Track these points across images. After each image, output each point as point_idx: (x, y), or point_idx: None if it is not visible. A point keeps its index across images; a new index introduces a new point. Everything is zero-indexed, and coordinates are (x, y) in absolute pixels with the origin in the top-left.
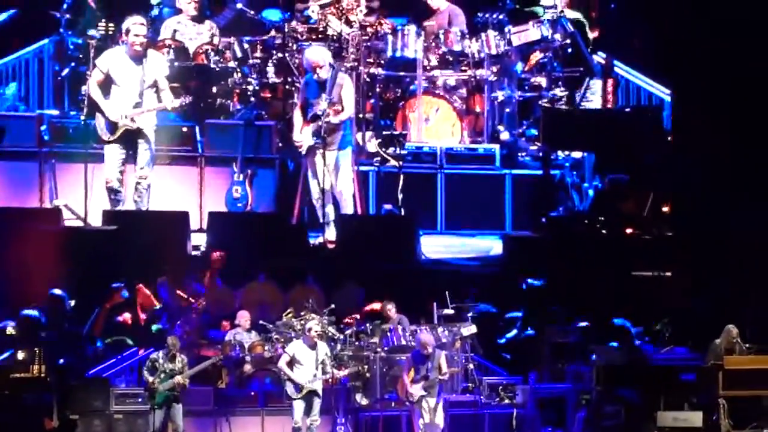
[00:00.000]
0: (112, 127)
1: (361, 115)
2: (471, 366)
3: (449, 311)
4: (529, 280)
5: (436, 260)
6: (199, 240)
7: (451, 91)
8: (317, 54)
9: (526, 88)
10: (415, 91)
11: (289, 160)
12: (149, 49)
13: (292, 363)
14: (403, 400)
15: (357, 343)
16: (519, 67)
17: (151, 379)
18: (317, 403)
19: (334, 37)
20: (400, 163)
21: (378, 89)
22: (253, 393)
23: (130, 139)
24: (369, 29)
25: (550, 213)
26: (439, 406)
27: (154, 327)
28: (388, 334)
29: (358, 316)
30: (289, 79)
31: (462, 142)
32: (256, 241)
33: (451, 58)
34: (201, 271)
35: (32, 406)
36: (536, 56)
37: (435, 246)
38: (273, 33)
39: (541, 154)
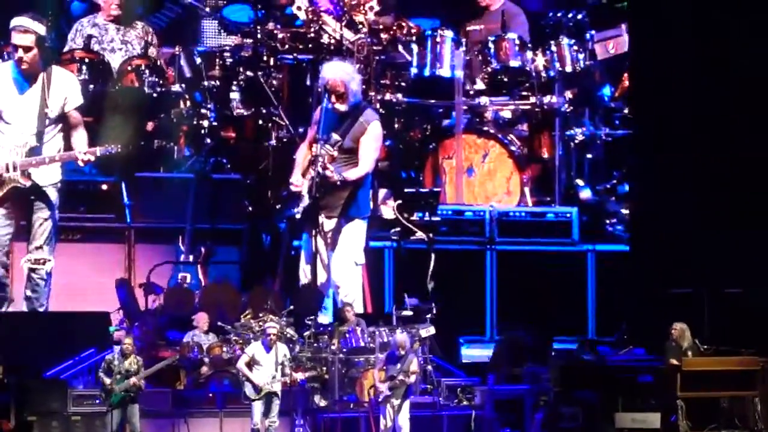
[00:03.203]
0: None
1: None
2: (429, 367)
3: (408, 313)
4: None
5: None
6: None
7: (507, 127)
8: (336, 72)
9: (618, 122)
10: (453, 127)
11: (263, 232)
12: (54, 65)
13: (251, 364)
14: (362, 400)
15: (315, 344)
16: (606, 91)
17: (107, 380)
18: (276, 404)
19: (332, 46)
20: (431, 236)
21: (397, 125)
22: (211, 394)
23: (22, 203)
24: (383, 35)
25: None
26: (404, 407)
27: (112, 328)
28: (347, 335)
29: None
30: (264, 111)
31: (522, 204)
32: None
33: (506, 79)
34: None
35: None
36: None
37: (483, 360)
38: (239, 40)
39: None
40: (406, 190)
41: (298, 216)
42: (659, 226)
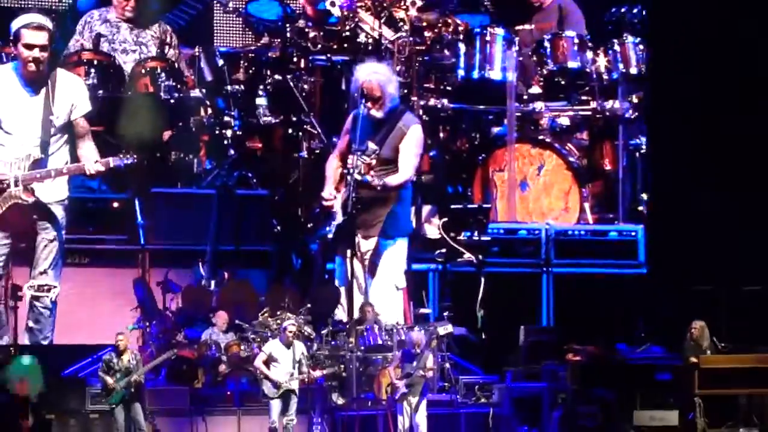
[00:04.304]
0: None
1: (414, 177)
2: (447, 365)
3: (426, 310)
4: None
5: None
6: None
7: (565, 135)
8: (370, 74)
9: None
10: (505, 136)
11: (293, 254)
12: (59, 68)
13: (268, 362)
14: (380, 398)
15: (333, 342)
16: None
17: (110, 380)
18: (294, 402)
19: (369, 46)
20: (480, 257)
21: (442, 133)
22: (229, 393)
23: (24, 223)
24: (427, 33)
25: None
26: (421, 405)
27: (130, 326)
28: (365, 333)
29: None
30: (294, 118)
31: (582, 221)
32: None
33: (563, 82)
34: None
35: (8, 405)
36: None
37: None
38: (266, 39)
39: None
40: (452, 206)
41: (330, 236)
42: (677, 224)
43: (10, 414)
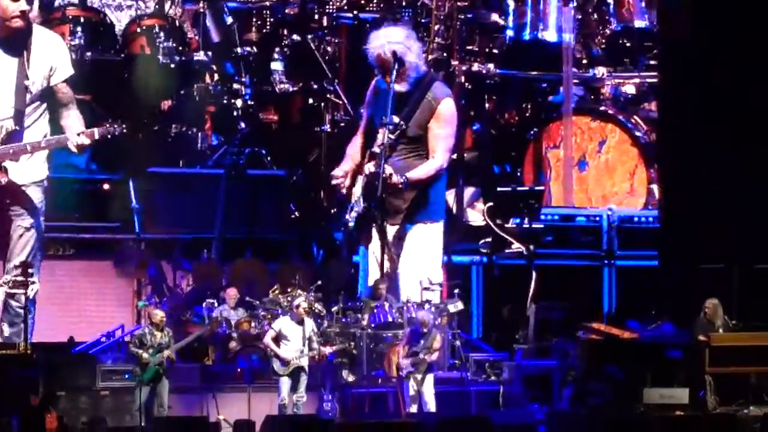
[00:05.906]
0: None
1: (454, 156)
2: (457, 343)
3: (436, 286)
4: None
5: None
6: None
7: (630, 106)
8: (384, 42)
9: None
10: (561, 106)
11: (314, 242)
12: (36, 24)
13: (278, 339)
14: (390, 376)
15: (343, 319)
16: None
17: (145, 355)
18: (304, 379)
19: (403, 2)
20: (532, 248)
21: (488, 104)
22: (239, 370)
23: None
24: None
25: None
26: (428, 380)
27: (141, 303)
28: (375, 310)
29: None
30: (315, 86)
31: (650, 206)
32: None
33: (629, 44)
34: None
35: (18, 382)
36: None
37: None
38: None
39: None
40: (499, 188)
41: (351, 224)
42: (691, 202)
43: (21, 390)
